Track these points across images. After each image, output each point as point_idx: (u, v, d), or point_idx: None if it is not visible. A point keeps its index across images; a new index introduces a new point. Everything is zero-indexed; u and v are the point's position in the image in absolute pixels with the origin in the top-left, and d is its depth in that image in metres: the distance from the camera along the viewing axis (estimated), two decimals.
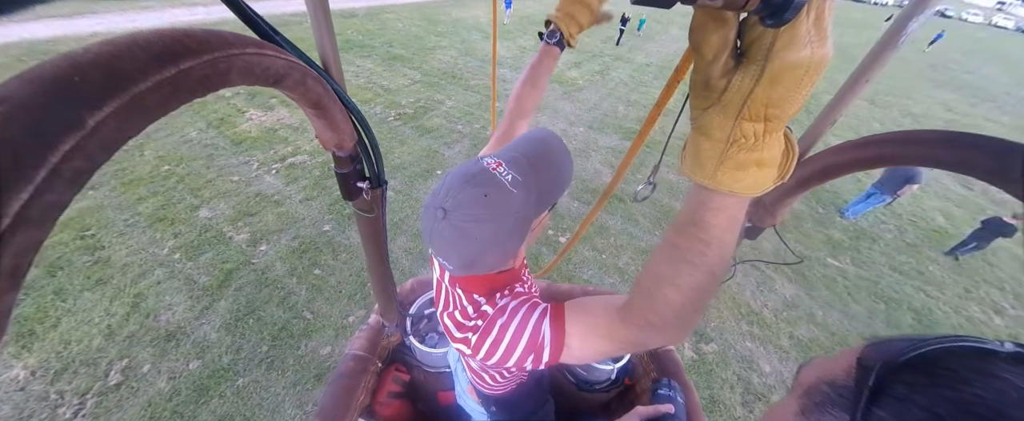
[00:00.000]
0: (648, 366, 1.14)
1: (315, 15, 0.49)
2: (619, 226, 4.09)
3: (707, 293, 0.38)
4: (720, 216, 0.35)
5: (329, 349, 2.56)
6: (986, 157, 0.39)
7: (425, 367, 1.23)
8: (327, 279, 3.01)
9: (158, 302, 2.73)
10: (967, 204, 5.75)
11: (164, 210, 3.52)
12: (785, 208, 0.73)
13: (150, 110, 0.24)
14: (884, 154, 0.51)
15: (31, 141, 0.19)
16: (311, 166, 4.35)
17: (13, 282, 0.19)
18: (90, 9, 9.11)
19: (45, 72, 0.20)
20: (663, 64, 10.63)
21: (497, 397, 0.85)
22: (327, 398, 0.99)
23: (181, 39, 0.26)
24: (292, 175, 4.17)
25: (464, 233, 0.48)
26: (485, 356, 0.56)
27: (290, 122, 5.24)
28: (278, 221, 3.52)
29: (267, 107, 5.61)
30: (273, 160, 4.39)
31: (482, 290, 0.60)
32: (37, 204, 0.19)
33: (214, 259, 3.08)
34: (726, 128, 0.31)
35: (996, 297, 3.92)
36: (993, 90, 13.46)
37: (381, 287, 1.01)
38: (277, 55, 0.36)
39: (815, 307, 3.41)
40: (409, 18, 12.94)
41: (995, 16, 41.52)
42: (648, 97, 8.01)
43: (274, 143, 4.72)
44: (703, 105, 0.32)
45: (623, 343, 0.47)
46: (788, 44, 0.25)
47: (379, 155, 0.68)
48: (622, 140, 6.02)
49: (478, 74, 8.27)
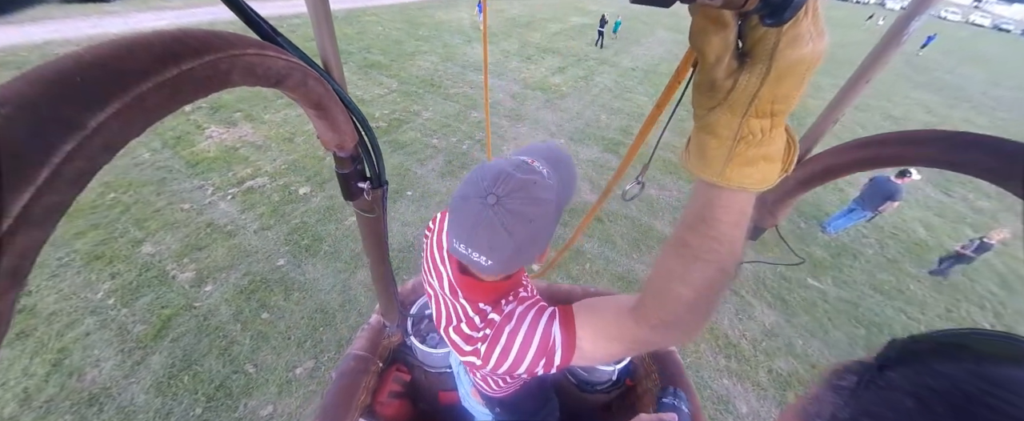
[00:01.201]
0: (650, 367, 1.14)
1: (315, 15, 0.49)
2: (595, 250, 3.94)
3: (719, 290, 0.39)
4: (730, 213, 0.36)
5: (270, 409, 2.34)
6: (986, 156, 0.39)
7: (426, 367, 1.23)
8: (276, 324, 2.79)
9: (85, 358, 2.49)
10: (947, 212, 5.74)
11: (104, 246, 3.25)
12: (786, 208, 0.73)
13: (152, 111, 0.24)
14: (884, 154, 0.51)
15: (33, 141, 0.19)
16: (271, 190, 4.10)
17: (14, 282, 0.20)
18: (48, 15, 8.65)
19: (47, 73, 0.20)
20: (649, 68, 10.51)
21: (501, 399, 0.86)
22: (328, 398, 0.99)
23: (182, 39, 0.26)
24: (249, 201, 3.92)
25: (520, 216, 0.47)
26: (495, 365, 0.55)
27: (253, 140, 4.97)
28: (228, 256, 3.28)
29: (229, 123, 5.32)
30: (230, 184, 4.13)
31: (488, 298, 0.59)
32: (39, 204, 0.19)
33: (153, 303, 2.84)
34: (733, 126, 0.31)
35: (977, 316, 3.87)
36: (971, 90, 13.68)
37: (382, 287, 1.02)
38: (278, 56, 0.36)
39: (795, 335, 3.30)
40: (390, 21, 12.62)
41: (972, 14, 42.51)
42: (632, 104, 7.87)
43: (233, 164, 4.45)
44: (708, 105, 0.32)
45: (635, 343, 0.47)
46: (792, 42, 0.26)
47: (380, 155, 0.68)
48: (603, 152, 5.86)
49: (458, 82, 8.04)
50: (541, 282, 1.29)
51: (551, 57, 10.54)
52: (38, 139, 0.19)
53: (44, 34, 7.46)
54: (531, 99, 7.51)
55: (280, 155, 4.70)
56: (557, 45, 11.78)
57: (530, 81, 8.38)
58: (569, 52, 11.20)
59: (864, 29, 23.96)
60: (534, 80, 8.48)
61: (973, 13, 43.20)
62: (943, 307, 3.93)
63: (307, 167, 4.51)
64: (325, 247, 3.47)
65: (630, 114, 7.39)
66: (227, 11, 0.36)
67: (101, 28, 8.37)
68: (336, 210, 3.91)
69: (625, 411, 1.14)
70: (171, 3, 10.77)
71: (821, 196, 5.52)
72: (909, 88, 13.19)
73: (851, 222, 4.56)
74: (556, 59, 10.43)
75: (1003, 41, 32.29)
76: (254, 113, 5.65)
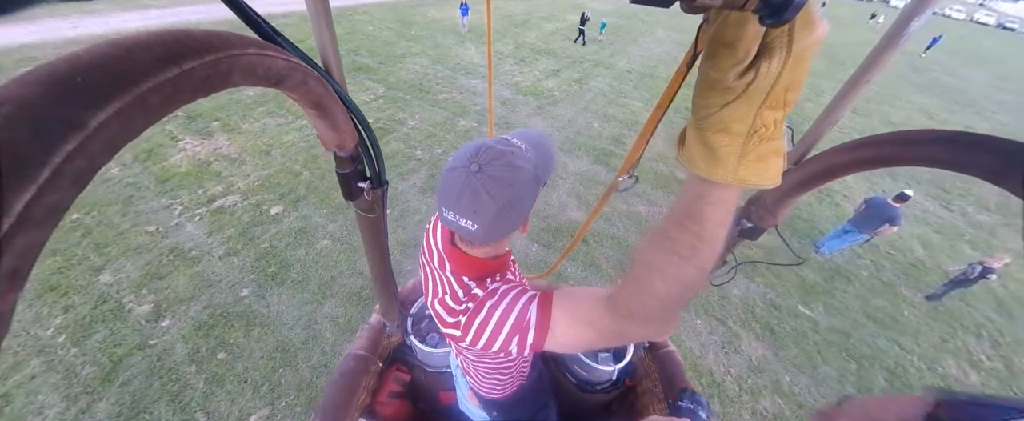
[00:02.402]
0: (650, 367, 1.14)
1: (315, 15, 0.50)
2: (579, 274, 3.79)
3: (693, 288, 0.39)
4: (718, 210, 0.36)
5: None
6: (986, 156, 0.39)
7: (426, 367, 1.23)
8: (233, 365, 2.64)
9: (27, 404, 2.35)
10: (946, 228, 5.59)
11: (59, 275, 3.10)
12: (786, 208, 0.73)
13: (152, 111, 0.25)
14: (884, 154, 0.52)
15: (34, 141, 0.19)
16: (241, 210, 3.94)
17: (15, 283, 0.20)
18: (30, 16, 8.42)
19: (47, 73, 0.20)
20: (645, 71, 10.28)
21: (498, 401, 0.86)
22: (328, 398, 0.99)
23: (182, 40, 0.27)
24: (217, 222, 3.76)
25: (499, 181, 0.52)
26: (473, 339, 0.57)
27: (228, 152, 4.79)
28: (190, 285, 3.13)
29: (205, 134, 5.14)
30: (199, 202, 3.97)
31: (473, 273, 0.62)
32: (39, 204, 0.19)
33: (105, 341, 2.69)
34: (748, 120, 0.31)
35: (973, 346, 3.73)
36: (973, 94, 13.45)
37: (382, 287, 1.02)
38: (279, 56, 0.37)
39: (782, 371, 3.16)
40: (381, 20, 12.35)
41: (977, 12, 41.92)
42: (626, 111, 7.67)
43: (205, 180, 4.28)
44: (722, 101, 0.31)
45: (607, 332, 0.49)
46: (805, 25, 0.27)
47: (380, 155, 0.69)
48: (593, 164, 5.69)
49: (448, 86, 7.84)
50: (541, 282, 1.27)
51: (545, 59, 10.31)
52: (39, 139, 0.19)
53: (24, 37, 7.24)
54: (522, 105, 7.31)
55: (254, 170, 4.53)
56: (552, 46, 11.53)
57: (523, 86, 8.17)
58: (564, 53, 10.96)
59: (867, 28, 23.58)
60: (527, 84, 8.27)
61: (978, 11, 42.58)
62: (938, 336, 3.79)
63: (282, 183, 4.34)
64: (293, 275, 3.32)
65: (623, 122, 7.20)
66: (214, 11, 0.28)
67: (82, 29, 8.15)
68: (308, 232, 3.76)
69: (625, 411, 1.14)
70: (158, 2, 10.50)
71: (816, 211, 5.37)
72: (911, 91, 12.97)
73: (845, 243, 4.41)
74: (550, 61, 10.20)
75: (1008, 40, 31.86)
76: (231, 122, 5.46)
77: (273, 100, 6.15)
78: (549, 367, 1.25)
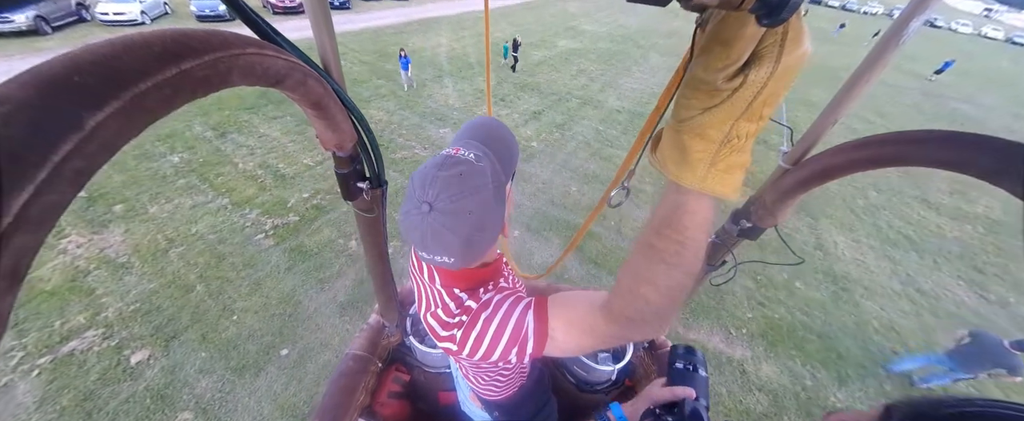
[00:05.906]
0: (649, 367, 1.19)
1: (315, 15, 0.51)
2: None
3: (683, 290, 0.41)
4: (696, 218, 0.38)
5: None
6: (986, 156, 0.39)
7: (425, 367, 1.25)
8: None
9: None
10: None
11: None
12: (786, 209, 0.74)
13: (151, 111, 0.24)
14: (884, 154, 0.52)
15: (32, 141, 0.19)
16: (95, 358, 3.07)
17: (13, 282, 0.20)
18: None
19: (45, 72, 0.20)
20: (636, 110, 9.47)
21: (499, 402, 0.86)
22: (327, 398, 1.01)
23: (182, 39, 0.27)
24: (58, 381, 2.90)
25: (455, 214, 0.49)
26: (470, 351, 0.57)
27: (116, 254, 3.97)
28: None
29: (99, 224, 4.32)
30: (49, 344, 3.12)
31: (464, 285, 0.62)
32: (38, 204, 0.19)
33: None
34: (724, 128, 0.33)
35: None
36: (993, 124, 12.55)
37: (381, 287, 1.05)
38: (278, 56, 0.37)
39: None
40: (357, 51, 11.69)
41: (984, 26, 40.91)
42: (611, 166, 6.83)
43: (70, 303, 3.45)
44: (707, 104, 0.32)
45: (604, 337, 0.50)
46: (796, 38, 0.28)
47: (379, 155, 0.72)
48: (562, 248, 4.82)
49: (410, 138, 7.06)
50: (541, 283, 1.34)
51: (528, 97, 9.55)
52: (37, 138, 0.19)
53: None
54: None
55: (138, 283, 3.69)
56: (538, 80, 10.80)
57: None
58: (549, 89, 10.21)
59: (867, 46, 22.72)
60: None
61: (986, 25, 41.60)
62: None
63: (163, 308, 3.49)
64: None
65: (606, 181, 6.35)
66: None
67: None
68: (167, 400, 2.87)
69: None
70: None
71: (890, 319, 4.45)
72: (924, 121, 12.11)
73: (945, 381, 3.48)
74: (534, 99, 9.43)
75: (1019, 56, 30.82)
76: (139, 204, 4.66)
77: (197, 170, 5.37)
78: (548, 367, 1.24)
